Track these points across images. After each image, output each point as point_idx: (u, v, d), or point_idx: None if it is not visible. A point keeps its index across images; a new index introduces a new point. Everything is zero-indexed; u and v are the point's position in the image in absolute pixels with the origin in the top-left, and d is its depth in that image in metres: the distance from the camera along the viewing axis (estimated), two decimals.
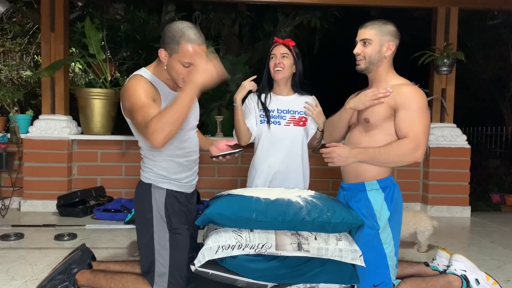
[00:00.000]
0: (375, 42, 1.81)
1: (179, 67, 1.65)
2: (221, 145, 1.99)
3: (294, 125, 2.30)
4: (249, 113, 2.34)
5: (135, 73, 1.72)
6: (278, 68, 2.27)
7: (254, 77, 2.31)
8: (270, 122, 2.28)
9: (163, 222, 1.73)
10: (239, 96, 2.24)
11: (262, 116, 2.31)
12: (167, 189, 1.76)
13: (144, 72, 1.72)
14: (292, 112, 2.31)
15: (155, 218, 1.73)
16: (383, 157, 1.75)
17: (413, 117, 1.72)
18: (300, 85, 2.38)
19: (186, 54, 1.61)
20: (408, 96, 1.74)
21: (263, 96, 2.35)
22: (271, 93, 2.37)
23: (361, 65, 1.86)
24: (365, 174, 1.83)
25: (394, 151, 1.73)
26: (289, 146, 2.30)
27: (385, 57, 1.82)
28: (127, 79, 1.71)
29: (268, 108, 2.31)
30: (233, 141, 1.79)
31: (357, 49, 1.85)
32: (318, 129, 2.34)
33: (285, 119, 2.30)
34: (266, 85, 2.37)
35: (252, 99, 2.37)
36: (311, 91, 2.44)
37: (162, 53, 1.67)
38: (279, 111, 2.31)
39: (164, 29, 1.67)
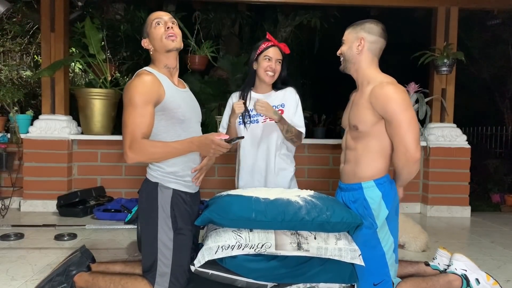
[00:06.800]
0: (347, 41, 1.86)
1: (156, 30, 1.76)
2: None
3: (271, 120, 2.31)
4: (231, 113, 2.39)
5: (140, 70, 1.78)
6: (271, 73, 2.30)
7: (242, 102, 2.34)
8: (247, 121, 2.33)
9: (168, 221, 1.73)
10: (232, 120, 2.35)
11: (239, 117, 2.36)
12: (173, 189, 1.76)
13: (149, 68, 1.79)
14: None
15: (160, 218, 1.73)
16: (404, 177, 1.83)
17: (397, 130, 1.71)
18: (281, 81, 2.39)
19: (150, 19, 1.80)
20: (386, 103, 1.70)
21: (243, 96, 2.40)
22: (251, 91, 2.40)
23: (341, 64, 1.92)
24: (362, 174, 1.83)
25: (403, 173, 1.80)
26: (269, 142, 2.33)
27: (358, 54, 1.82)
28: (133, 76, 1.75)
29: (247, 107, 2.35)
30: (226, 135, 1.79)
31: (338, 51, 1.92)
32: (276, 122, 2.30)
33: (262, 116, 2.32)
34: (249, 82, 2.40)
35: (234, 100, 2.42)
36: (291, 85, 2.43)
37: (144, 43, 1.82)
38: None
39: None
